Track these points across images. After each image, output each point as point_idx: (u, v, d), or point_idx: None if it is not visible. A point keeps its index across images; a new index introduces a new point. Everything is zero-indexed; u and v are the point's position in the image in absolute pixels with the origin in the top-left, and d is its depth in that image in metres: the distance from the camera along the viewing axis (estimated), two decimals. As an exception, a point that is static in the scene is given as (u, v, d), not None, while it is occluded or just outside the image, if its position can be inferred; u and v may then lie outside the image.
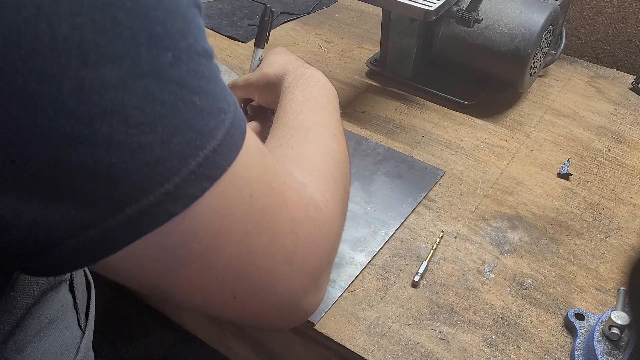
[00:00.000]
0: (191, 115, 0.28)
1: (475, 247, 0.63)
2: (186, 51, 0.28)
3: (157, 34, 0.27)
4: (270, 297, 0.36)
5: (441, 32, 0.82)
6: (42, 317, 0.43)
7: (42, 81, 0.24)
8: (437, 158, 0.75)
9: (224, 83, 0.32)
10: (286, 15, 1.06)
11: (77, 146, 0.26)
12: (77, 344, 0.48)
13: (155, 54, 0.27)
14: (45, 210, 0.27)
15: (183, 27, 0.28)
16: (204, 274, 0.32)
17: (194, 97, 0.29)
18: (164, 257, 0.30)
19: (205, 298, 0.34)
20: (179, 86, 0.28)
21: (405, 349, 0.54)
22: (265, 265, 0.34)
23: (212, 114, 0.30)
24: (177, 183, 0.28)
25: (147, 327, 0.93)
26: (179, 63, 0.28)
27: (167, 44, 0.27)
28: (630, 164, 0.75)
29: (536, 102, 0.86)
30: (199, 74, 0.29)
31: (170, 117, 0.27)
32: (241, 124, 0.32)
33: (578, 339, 0.53)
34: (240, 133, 0.32)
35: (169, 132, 0.27)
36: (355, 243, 0.63)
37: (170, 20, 0.27)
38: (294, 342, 0.62)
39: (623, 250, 0.63)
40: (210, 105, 0.30)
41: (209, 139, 0.29)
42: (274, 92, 0.62)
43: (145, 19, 0.26)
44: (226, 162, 0.30)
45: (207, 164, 0.29)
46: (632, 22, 0.97)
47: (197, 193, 0.29)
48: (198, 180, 0.29)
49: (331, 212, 0.41)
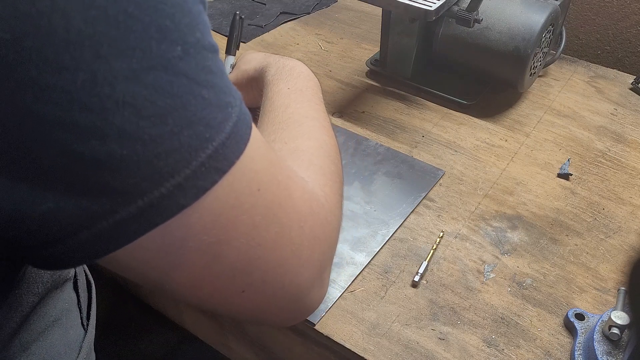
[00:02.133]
0: (200, 108, 0.29)
1: (475, 247, 0.63)
2: (194, 45, 0.29)
3: (166, 27, 0.27)
4: (277, 291, 0.36)
5: (441, 32, 0.82)
6: (47, 315, 0.43)
7: (56, 73, 0.24)
8: (437, 158, 0.75)
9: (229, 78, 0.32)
10: (286, 15, 1.06)
11: (90, 137, 0.26)
12: (80, 343, 0.48)
13: (165, 47, 0.27)
14: (58, 201, 0.27)
15: (190, 22, 0.29)
16: (212, 267, 0.32)
17: (203, 91, 0.29)
18: (173, 249, 0.30)
19: (213, 292, 0.34)
20: (188, 79, 0.28)
21: (405, 349, 0.54)
22: (273, 259, 0.34)
23: (220, 107, 0.30)
24: (187, 175, 0.28)
25: (148, 328, 0.93)
26: (188, 57, 0.28)
27: (176, 38, 0.28)
28: (630, 164, 0.75)
29: (536, 102, 0.86)
30: (207, 68, 0.30)
31: (180, 110, 0.28)
32: (247, 118, 0.33)
33: (578, 339, 0.53)
34: (246, 126, 0.32)
35: (179, 124, 0.28)
36: (355, 243, 0.63)
37: (178, 14, 0.28)
38: (294, 342, 0.62)
39: (623, 250, 0.63)
40: (218, 98, 0.30)
41: (217, 131, 0.29)
42: (256, 87, 0.61)
43: (154, 13, 0.27)
44: (235, 154, 0.31)
45: (217, 156, 0.29)
46: (632, 22, 0.97)
47: (207, 185, 0.29)
48: (208, 173, 0.29)
49: (331, 205, 0.41)
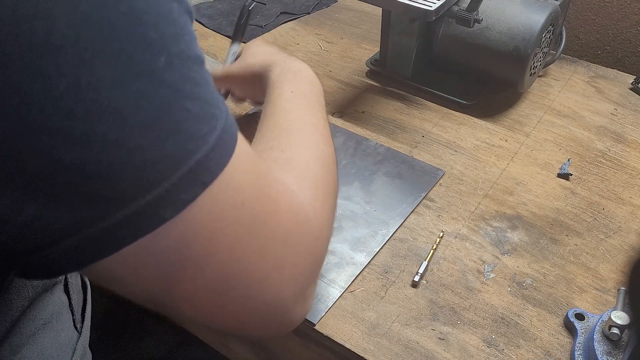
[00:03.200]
0: (184, 120, 0.28)
1: (475, 247, 0.63)
2: (179, 56, 0.28)
3: (150, 37, 0.27)
4: (259, 306, 0.35)
5: (441, 32, 0.82)
6: (37, 318, 0.43)
7: (39, 78, 0.24)
8: (437, 158, 0.75)
9: (216, 90, 0.32)
10: (286, 15, 1.06)
11: (73, 144, 0.25)
12: (73, 345, 0.48)
13: (149, 57, 0.27)
14: (41, 209, 0.26)
15: (176, 32, 0.28)
16: (193, 281, 0.32)
17: (187, 102, 0.29)
18: (155, 262, 0.30)
19: (195, 306, 0.34)
20: (172, 90, 0.28)
21: (405, 349, 0.53)
22: (255, 274, 0.34)
23: (205, 119, 0.29)
24: (168, 187, 0.28)
25: (148, 329, 0.93)
26: (172, 68, 0.28)
27: (160, 48, 0.27)
28: (630, 164, 0.75)
29: (536, 102, 0.86)
30: (192, 79, 0.29)
31: (163, 120, 0.27)
32: (232, 130, 0.32)
33: (578, 339, 0.53)
34: (232, 139, 0.32)
35: (162, 134, 0.27)
36: (355, 243, 0.63)
37: (162, 24, 0.27)
38: (294, 342, 0.62)
39: (623, 250, 0.63)
40: (203, 110, 0.29)
41: (201, 143, 0.29)
42: (258, 83, 0.60)
43: (139, 22, 0.26)
44: (218, 167, 0.30)
45: (200, 168, 0.29)
46: (632, 22, 0.97)
47: (189, 198, 0.29)
48: (190, 185, 0.29)
49: (320, 221, 0.40)
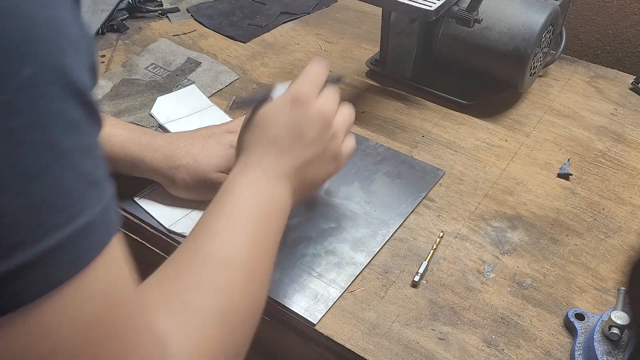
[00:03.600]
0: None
1: (475, 247, 0.63)
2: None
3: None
4: None
5: (441, 32, 0.82)
6: None
7: None
8: (437, 158, 0.75)
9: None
10: (286, 15, 1.06)
11: None
12: None
13: None
14: None
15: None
16: None
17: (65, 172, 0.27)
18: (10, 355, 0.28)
19: None
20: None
21: (405, 349, 0.54)
22: None
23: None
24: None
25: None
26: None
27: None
28: (630, 164, 0.75)
29: (536, 102, 0.86)
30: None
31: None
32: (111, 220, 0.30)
33: (578, 339, 0.53)
34: (98, 246, 0.29)
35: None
36: (355, 243, 0.63)
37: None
38: (294, 342, 0.62)
39: (623, 250, 0.63)
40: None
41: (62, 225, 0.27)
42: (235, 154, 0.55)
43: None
44: (64, 275, 0.27)
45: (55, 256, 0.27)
46: (632, 22, 0.97)
47: (26, 299, 0.27)
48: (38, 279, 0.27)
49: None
